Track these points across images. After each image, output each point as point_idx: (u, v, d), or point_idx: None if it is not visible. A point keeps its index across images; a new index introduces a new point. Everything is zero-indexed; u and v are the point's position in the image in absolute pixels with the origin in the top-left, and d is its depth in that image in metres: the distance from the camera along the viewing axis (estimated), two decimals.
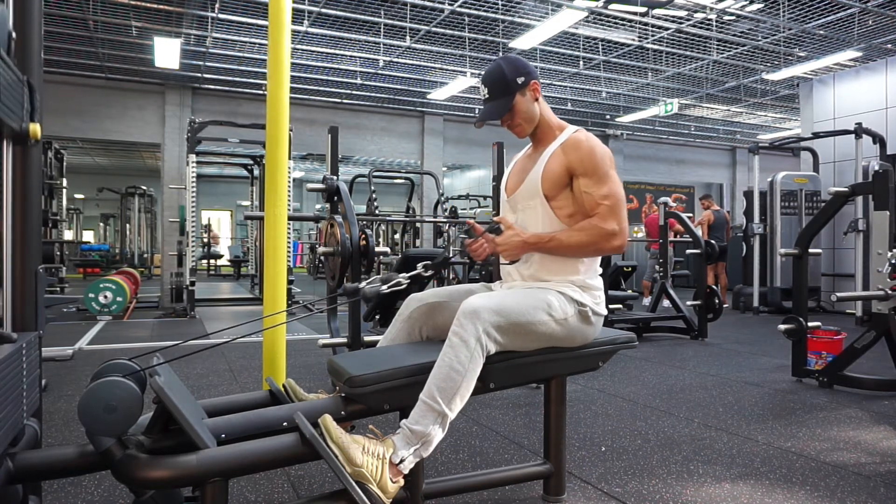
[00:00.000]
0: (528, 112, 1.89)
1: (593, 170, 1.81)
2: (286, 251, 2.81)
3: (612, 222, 1.77)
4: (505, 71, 1.86)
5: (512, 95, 1.85)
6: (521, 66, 1.88)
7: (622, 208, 1.81)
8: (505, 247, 1.79)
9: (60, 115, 8.97)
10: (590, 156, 1.81)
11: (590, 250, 1.80)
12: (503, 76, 1.86)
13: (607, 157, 1.84)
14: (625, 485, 2.12)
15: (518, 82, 1.86)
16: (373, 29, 7.55)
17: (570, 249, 1.79)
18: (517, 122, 1.90)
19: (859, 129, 7.06)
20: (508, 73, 1.86)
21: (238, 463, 1.44)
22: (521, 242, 1.79)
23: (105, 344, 5.24)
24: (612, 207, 1.78)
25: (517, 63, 1.88)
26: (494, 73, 1.87)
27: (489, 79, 1.88)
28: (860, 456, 2.43)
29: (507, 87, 1.85)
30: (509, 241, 1.79)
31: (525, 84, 1.87)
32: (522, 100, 1.87)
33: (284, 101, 2.69)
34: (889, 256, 3.47)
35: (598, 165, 1.81)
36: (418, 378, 1.64)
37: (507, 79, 1.85)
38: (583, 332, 1.84)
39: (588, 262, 1.88)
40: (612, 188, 1.81)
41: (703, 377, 3.95)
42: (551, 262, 1.85)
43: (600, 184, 1.80)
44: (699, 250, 5.72)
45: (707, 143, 14.34)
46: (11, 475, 1.32)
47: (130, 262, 16.32)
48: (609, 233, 1.77)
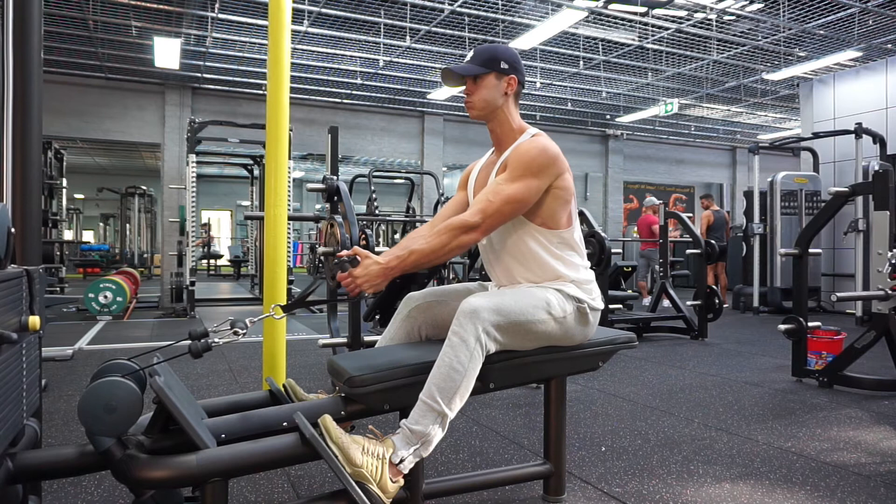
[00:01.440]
0: (490, 95, 1.83)
1: (514, 167, 1.76)
2: (286, 251, 2.81)
3: (476, 216, 1.71)
4: (497, 49, 1.85)
5: (488, 71, 1.82)
6: (513, 58, 1.86)
7: (501, 207, 1.72)
8: (364, 278, 1.65)
9: (60, 115, 8.97)
10: (521, 155, 1.77)
11: (446, 250, 1.71)
12: (493, 51, 1.84)
13: (538, 164, 1.74)
14: (625, 485, 2.12)
15: (501, 66, 1.83)
16: (373, 29, 7.55)
17: (434, 255, 1.71)
18: (475, 98, 1.84)
19: (859, 129, 7.05)
20: (499, 53, 1.84)
21: (238, 463, 1.44)
22: (380, 270, 1.66)
23: (105, 344, 5.24)
24: (491, 204, 1.71)
25: (512, 53, 1.87)
26: (488, 46, 1.87)
27: (480, 48, 1.87)
28: (860, 456, 2.43)
29: (489, 61, 1.83)
30: (367, 271, 1.66)
31: (506, 72, 1.84)
32: (494, 82, 1.83)
33: (284, 101, 2.69)
34: (889, 256, 3.47)
35: (520, 165, 1.75)
36: (418, 378, 1.64)
37: (495, 55, 1.83)
38: (581, 330, 1.83)
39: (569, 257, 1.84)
40: (512, 189, 1.72)
41: (703, 377, 3.95)
42: (531, 264, 1.84)
43: (506, 181, 1.74)
44: (699, 250, 5.72)
45: (707, 143, 14.34)
46: (11, 475, 1.32)
47: (130, 262, 16.33)
48: (466, 226, 1.70)
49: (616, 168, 13.28)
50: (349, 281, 1.67)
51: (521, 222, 1.82)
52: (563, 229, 1.83)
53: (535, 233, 1.82)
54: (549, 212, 1.81)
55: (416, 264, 1.71)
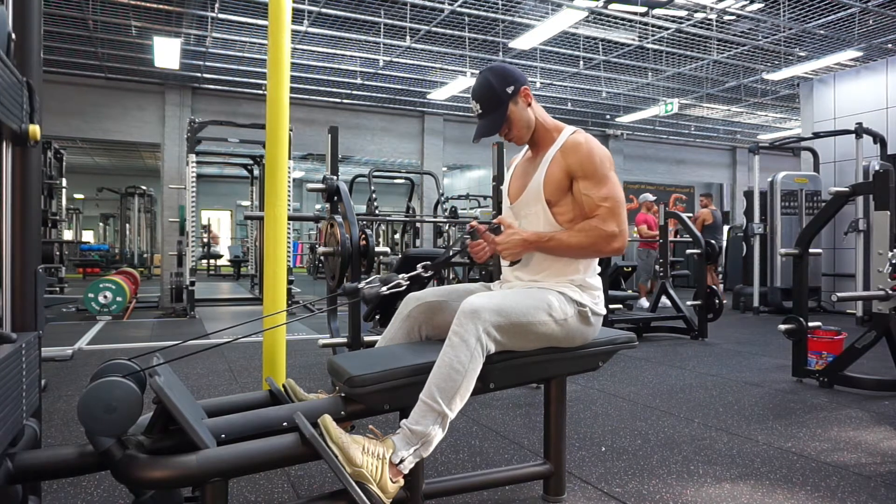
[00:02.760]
0: (524, 119, 1.87)
1: (592, 172, 1.80)
2: (286, 251, 2.81)
3: (612, 224, 1.77)
4: (493, 83, 1.83)
5: (505, 107, 1.83)
6: (509, 75, 1.85)
7: (622, 210, 1.80)
8: (505, 245, 1.78)
9: (60, 115, 8.97)
10: (589, 158, 1.80)
11: (589, 251, 1.80)
12: (493, 89, 1.83)
13: (606, 158, 1.83)
14: (625, 485, 2.12)
15: (508, 92, 1.83)
16: (373, 29, 7.54)
17: (570, 249, 1.79)
18: (514, 133, 1.89)
19: (860, 129, 7.05)
20: (497, 85, 1.83)
21: (238, 463, 1.43)
22: (520, 241, 1.78)
23: (105, 344, 5.24)
24: (612, 209, 1.78)
25: (504, 72, 1.85)
26: (483, 87, 1.84)
27: (479, 94, 1.85)
28: (861, 456, 2.43)
29: (499, 99, 1.82)
30: (509, 239, 1.78)
31: (516, 92, 1.84)
32: (516, 109, 1.85)
33: (284, 101, 2.69)
34: (889, 256, 3.47)
35: (597, 168, 1.80)
36: (418, 378, 1.64)
37: (497, 91, 1.82)
38: (582, 332, 1.84)
39: (587, 262, 1.88)
40: (612, 190, 1.80)
41: (703, 377, 3.94)
42: (550, 263, 1.85)
43: (599, 186, 1.80)
44: (699, 250, 5.72)
45: (707, 143, 14.34)
46: (11, 475, 1.32)
47: (130, 262, 16.32)
48: (609, 234, 1.77)
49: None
50: (482, 247, 1.83)
51: (551, 222, 1.85)
52: None
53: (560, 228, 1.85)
54: (577, 210, 1.84)
55: (553, 250, 1.80)
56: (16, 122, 1.30)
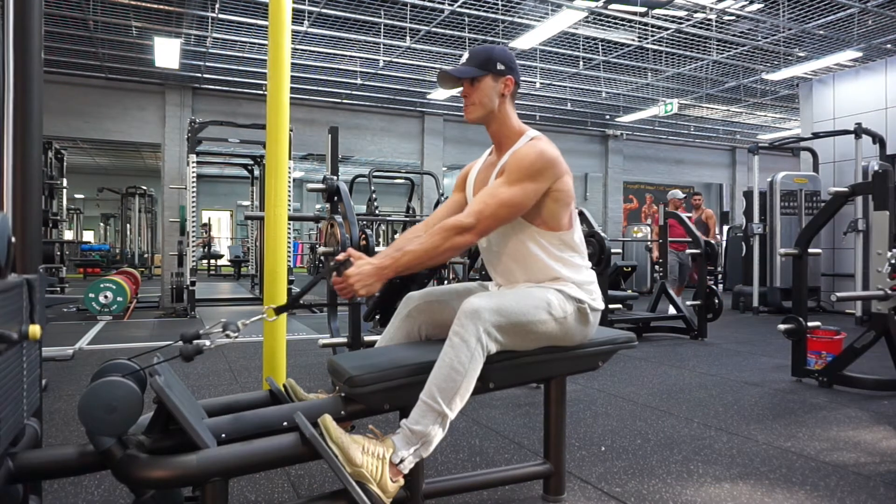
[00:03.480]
0: (488, 97, 1.83)
1: (511, 171, 1.75)
2: (286, 251, 2.81)
3: (471, 217, 1.70)
4: (494, 51, 1.85)
5: (485, 72, 1.82)
6: (509, 59, 1.86)
7: (497, 211, 1.71)
8: (356, 278, 1.61)
9: (60, 115, 8.97)
10: (519, 160, 1.76)
11: (441, 250, 1.69)
12: (489, 52, 1.84)
13: (536, 167, 1.74)
14: (625, 485, 2.12)
15: (497, 67, 1.83)
16: (373, 29, 7.55)
17: (427, 255, 1.69)
18: (472, 100, 1.84)
19: (859, 129, 7.06)
20: (495, 54, 1.84)
21: (238, 463, 1.44)
22: (372, 270, 1.63)
23: (105, 344, 5.24)
24: (488, 206, 1.71)
25: (507, 54, 1.87)
26: (484, 47, 1.87)
27: (475, 49, 1.88)
28: (860, 456, 2.43)
29: (486, 63, 1.83)
30: (360, 271, 1.62)
31: (502, 73, 1.84)
32: (491, 83, 1.83)
33: (284, 101, 2.69)
34: (889, 256, 3.47)
35: (518, 169, 1.74)
36: (418, 378, 1.64)
37: (491, 56, 1.83)
38: (582, 330, 1.84)
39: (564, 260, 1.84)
40: (508, 193, 1.72)
41: (702, 377, 3.95)
42: (523, 271, 1.84)
43: (504, 184, 1.74)
44: (699, 250, 5.72)
45: (707, 143, 14.34)
46: (12, 475, 1.32)
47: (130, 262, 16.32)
48: (460, 227, 1.69)
49: (616, 168, 13.27)
50: (343, 284, 1.63)
51: (521, 225, 1.82)
52: (563, 231, 1.83)
53: (535, 235, 1.82)
54: (549, 214, 1.80)
55: (410, 265, 1.68)
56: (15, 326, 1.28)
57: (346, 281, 1.62)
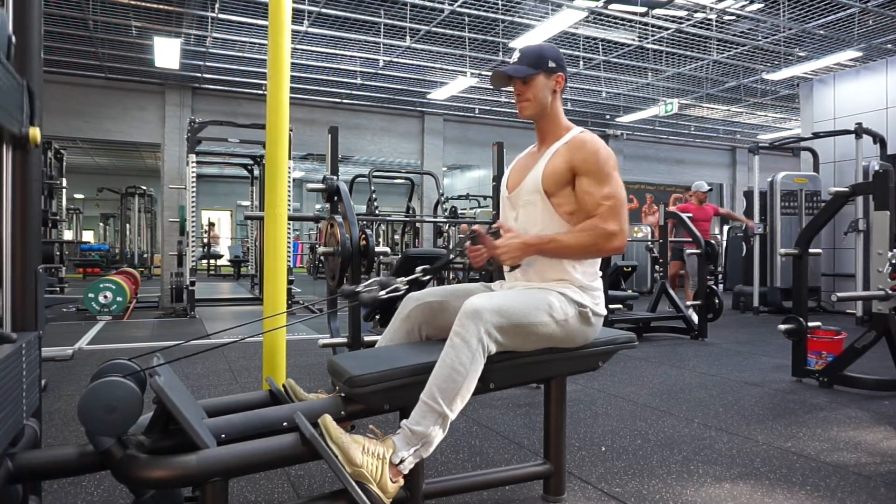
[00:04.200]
0: (541, 94, 1.89)
1: (596, 170, 1.81)
2: (286, 251, 2.81)
3: (612, 223, 1.77)
4: (544, 49, 1.90)
5: (538, 70, 1.87)
6: (559, 57, 1.92)
7: (623, 210, 1.81)
8: (504, 249, 1.76)
9: (60, 115, 8.97)
10: (594, 156, 1.81)
11: (590, 251, 1.80)
12: (540, 51, 1.89)
13: (611, 158, 1.84)
14: (625, 485, 2.12)
15: (549, 65, 1.88)
16: (373, 29, 7.55)
17: (571, 250, 1.79)
18: (526, 97, 1.90)
19: (859, 129, 7.05)
20: (546, 52, 1.89)
21: (238, 463, 1.44)
22: (520, 244, 1.76)
23: (105, 344, 5.24)
24: (613, 208, 1.78)
25: (557, 52, 1.93)
26: (534, 46, 1.92)
27: (527, 48, 1.91)
28: (860, 456, 2.43)
29: (538, 61, 1.88)
30: (508, 243, 1.76)
31: (554, 70, 1.89)
32: (543, 80, 1.89)
33: (284, 101, 2.69)
34: (889, 256, 3.47)
35: (601, 166, 1.81)
36: (418, 378, 1.64)
37: (543, 55, 1.88)
38: (583, 333, 1.84)
39: (588, 263, 1.88)
40: (614, 189, 1.81)
41: (703, 377, 3.94)
42: (551, 263, 1.85)
43: (602, 184, 1.80)
44: (699, 250, 5.71)
45: (707, 143, 14.34)
46: (11, 475, 1.32)
47: (130, 262, 16.31)
48: (609, 233, 1.77)
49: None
50: (481, 252, 1.79)
51: (552, 217, 1.86)
52: None
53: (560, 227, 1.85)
54: (578, 205, 1.85)
55: (554, 253, 1.79)
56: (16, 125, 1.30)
57: (495, 250, 1.76)
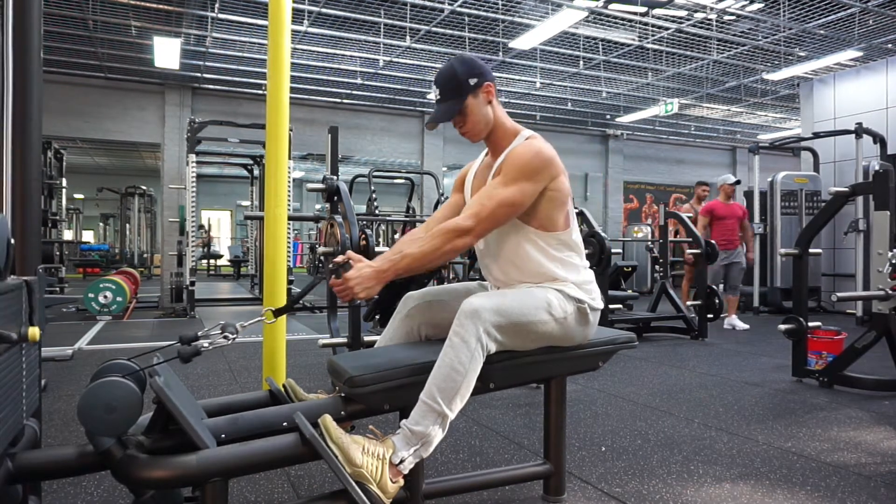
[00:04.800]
0: (481, 115, 1.80)
1: (508, 171, 1.74)
2: (286, 251, 2.81)
3: (469, 220, 1.69)
4: (457, 71, 1.78)
5: (463, 97, 1.77)
6: (476, 67, 1.80)
7: (495, 211, 1.70)
8: (357, 280, 1.60)
9: (60, 115, 8.97)
10: (514, 160, 1.75)
11: (439, 253, 1.68)
12: (455, 76, 1.78)
13: (532, 166, 1.72)
14: (625, 485, 2.12)
15: (470, 83, 1.77)
16: (373, 29, 7.55)
17: (426, 258, 1.67)
18: (468, 127, 1.82)
19: (860, 129, 7.05)
20: (461, 74, 1.78)
21: (238, 463, 1.43)
22: (372, 273, 1.62)
23: (105, 344, 5.24)
24: (484, 207, 1.69)
25: (471, 63, 1.81)
26: (446, 73, 1.80)
27: (441, 79, 1.81)
28: (861, 456, 2.43)
29: (459, 88, 1.77)
30: (360, 273, 1.60)
31: (478, 85, 1.78)
32: (475, 102, 1.79)
33: (284, 101, 2.69)
34: (889, 256, 3.47)
35: (514, 169, 1.73)
36: (418, 378, 1.64)
37: (459, 79, 1.77)
38: (582, 330, 1.83)
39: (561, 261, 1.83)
40: (506, 193, 1.70)
41: (703, 377, 3.94)
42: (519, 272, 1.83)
43: (501, 185, 1.73)
44: (699, 250, 5.71)
45: (707, 143, 14.34)
46: (11, 475, 1.32)
47: (130, 262, 16.32)
48: (459, 230, 1.68)
49: (616, 168, 13.27)
50: (342, 286, 1.61)
51: (517, 226, 1.81)
52: (560, 231, 1.83)
53: (532, 236, 1.81)
54: (545, 214, 1.80)
55: (409, 268, 1.67)
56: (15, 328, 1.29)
57: (346, 283, 1.60)
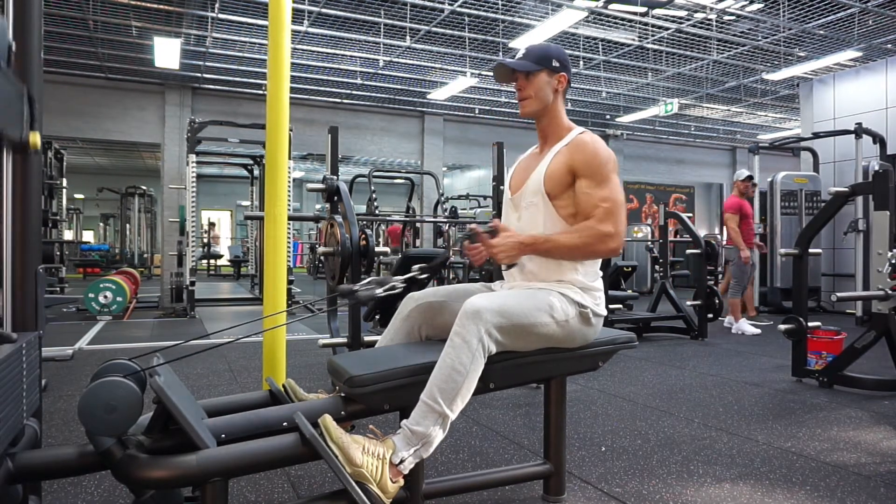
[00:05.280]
0: (543, 92, 1.89)
1: (595, 171, 1.80)
2: (286, 251, 2.81)
3: (608, 225, 1.76)
4: (550, 48, 1.91)
5: (541, 67, 1.88)
6: (563, 57, 1.92)
7: (620, 212, 1.80)
8: (501, 248, 1.76)
9: (60, 115, 8.97)
10: (593, 157, 1.81)
11: (585, 252, 1.79)
12: (545, 49, 1.90)
13: (611, 160, 1.83)
14: (625, 485, 2.12)
15: (553, 64, 1.88)
16: (373, 29, 7.55)
17: (566, 250, 1.78)
18: (528, 94, 1.90)
19: (859, 129, 7.06)
20: (551, 51, 1.90)
21: (238, 463, 1.43)
22: (516, 244, 1.76)
23: (105, 344, 5.24)
24: (610, 210, 1.78)
25: (563, 53, 1.93)
26: (540, 44, 1.93)
27: (533, 46, 1.92)
28: (860, 456, 2.43)
29: (542, 58, 1.88)
30: (505, 242, 1.76)
31: (557, 70, 1.89)
32: (546, 79, 1.89)
33: (284, 101, 2.69)
34: (889, 256, 3.47)
35: (600, 168, 1.81)
36: (418, 378, 1.64)
37: (547, 54, 1.89)
38: (583, 333, 1.84)
39: (588, 263, 1.87)
40: (612, 191, 1.80)
41: (703, 377, 3.95)
42: (549, 264, 1.85)
43: (600, 186, 1.80)
44: (699, 250, 5.71)
45: (707, 143, 14.33)
46: (11, 475, 1.32)
47: (130, 262, 16.32)
48: (604, 235, 1.76)
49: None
50: (479, 250, 1.78)
51: (552, 214, 1.85)
52: None
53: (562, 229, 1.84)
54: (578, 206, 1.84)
55: (549, 252, 1.79)
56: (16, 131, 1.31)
57: (491, 249, 1.75)
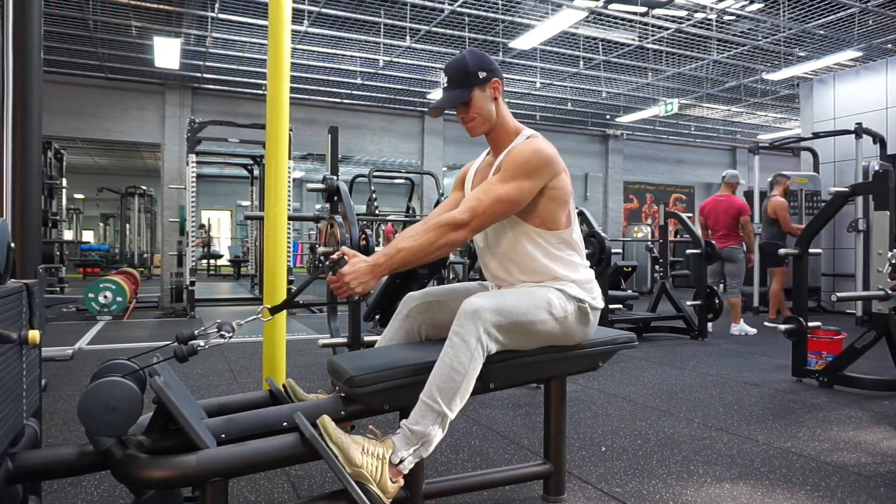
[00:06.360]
0: (484, 109, 1.82)
1: (507, 168, 1.75)
2: (286, 251, 2.81)
3: (466, 214, 1.69)
4: (468, 62, 1.81)
5: (471, 88, 1.79)
6: (486, 62, 1.83)
7: (493, 207, 1.70)
8: (352, 275, 1.60)
9: (60, 115, 8.97)
10: (514, 158, 1.76)
11: (438, 246, 1.69)
12: (465, 66, 1.80)
13: (531, 164, 1.73)
14: (625, 485, 2.12)
15: (479, 76, 1.80)
16: (373, 29, 7.55)
17: (422, 252, 1.68)
18: (471, 117, 1.83)
19: (859, 129, 7.05)
20: (471, 65, 1.80)
21: (238, 463, 1.43)
22: (367, 267, 1.62)
23: (105, 344, 5.24)
24: (481, 203, 1.70)
25: (482, 58, 1.83)
26: (457, 62, 1.83)
27: (451, 67, 1.83)
28: (860, 456, 2.43)
29: (468, 78, 1.79)
30: (355, 269, 1.61)
31: (486, 80, 1.81)
32: (481, 95, 1.81)
33: (284, 101, 2.69)
34: (889, 256, 3.47)
35: (514, 166, 1.74)
36: (418, 378, 1.64)
37: (469, 70, 1.80)
38: (582, 329, 1.83)
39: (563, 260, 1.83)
40: (503, 190, 1.71)
41: (703, 377, 3.95)
42: (520, 270, 1.83)
43: (499, 181, 1.74)
44: (699, 250, 5.71)
45: (707, 143, 14.34)
46: (11, 475, 1.32)
47: (130, 262, 16.33)
48: (455, 223, 1.68)
49: (616, 168, 13.27)
50: (338, 282, 1.62)
51: (517, 224, 1.82)
52: (562, 230, 1.83)
53: (533, 234, 1.82)
54: (546, 213, 1.80)
55: (405, 262, 1.67)
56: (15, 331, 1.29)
57: (342, 279, 1.61)
